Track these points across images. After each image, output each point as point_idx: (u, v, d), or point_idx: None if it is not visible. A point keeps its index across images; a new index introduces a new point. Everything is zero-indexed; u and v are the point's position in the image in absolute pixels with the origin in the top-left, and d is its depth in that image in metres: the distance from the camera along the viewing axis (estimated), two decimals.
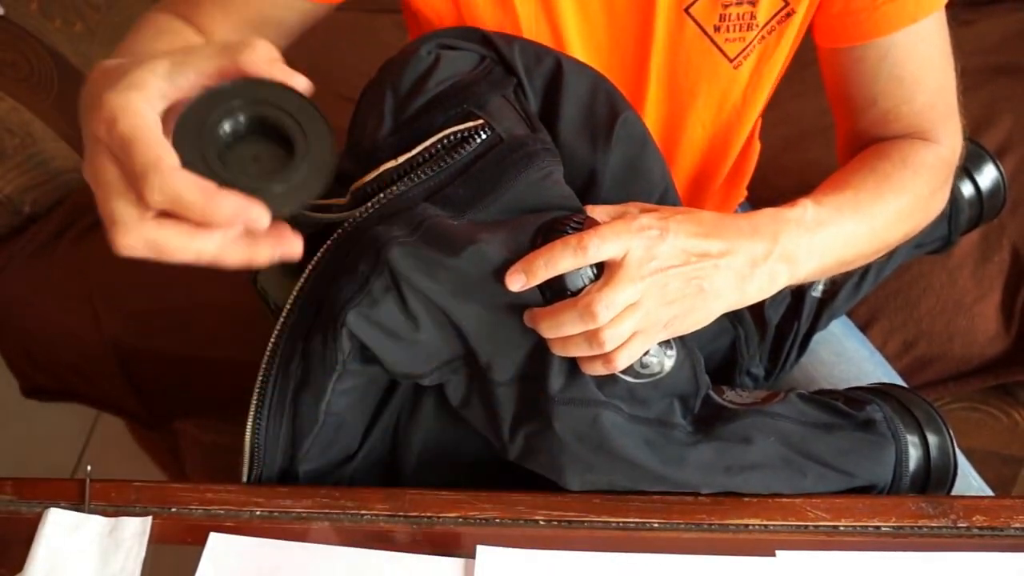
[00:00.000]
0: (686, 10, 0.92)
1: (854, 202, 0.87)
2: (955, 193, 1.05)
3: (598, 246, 0.73)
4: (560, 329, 0.73)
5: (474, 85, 0.83)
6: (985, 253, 1.29)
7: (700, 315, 0.78)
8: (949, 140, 0.96)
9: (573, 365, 0.77)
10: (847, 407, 0.86)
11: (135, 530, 0.78)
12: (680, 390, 0.81)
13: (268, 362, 0.81)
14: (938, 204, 0.97)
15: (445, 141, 0.81)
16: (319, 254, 0.80)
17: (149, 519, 0.79)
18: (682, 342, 0.81)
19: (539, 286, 0.74)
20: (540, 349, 0.77)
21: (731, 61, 0.95)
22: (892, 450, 0.84)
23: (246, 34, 0.88)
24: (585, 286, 0.74)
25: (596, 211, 0.80)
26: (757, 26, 0.92)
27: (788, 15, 0.92)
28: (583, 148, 0.86)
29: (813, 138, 1.49)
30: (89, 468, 0.83)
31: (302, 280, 0.80)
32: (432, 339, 0.78)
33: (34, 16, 1.59)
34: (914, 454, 0.85)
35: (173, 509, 0.81)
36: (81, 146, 1.59)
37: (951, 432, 0.86)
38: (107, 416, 1.88)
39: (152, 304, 1.38)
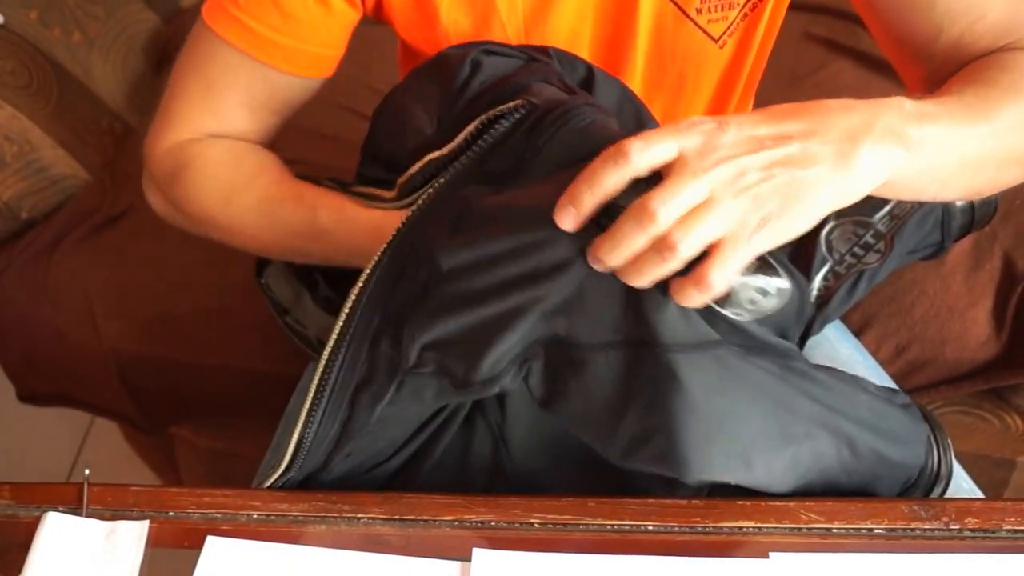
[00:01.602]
0: None
1: (959, 102, 0.74)
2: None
3: (641, 149, 0.63)
4: (621, 246, 0.64)
5: (514, 76, 0.82)
6: (977, 260, 1.30)
7: (802, 208, 0.65)
8: None
9: (677, 308, 0.68)
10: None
11: (133, 534, 0.79)
12: (786, 323, 0.75)
13: (328, 361, 0.78)
14: None
15: (485, 122, 0.78)
16: (378, 256, 0.78)
17: (146, 523, 0.79)
18: (788, 269, 0.72)
19: (598, 223, 0.66)
20: (630, 305, 0.69)
21: (716, 41, 0.96)
22: (927, 431, 0.83)
23: (267, 119, 0.96)
24: None
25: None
26: (738, 4, 0.93)
27: None
28: None
29: None
30: (87, 472, 0.83)
31: (361, 283, 0.78)
32: (502, 327, 0.71)
33: (33, 25, 1.59)
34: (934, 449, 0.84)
35: (170, 513, 0.81)
36: (79, 153, 1.60)
37: (948, 439, 0.86)
38: (101, 421, 1.88)
39: (150, 310, 1.38)
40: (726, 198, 0.63)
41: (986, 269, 1.30)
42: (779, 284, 0.71)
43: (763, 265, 0.71)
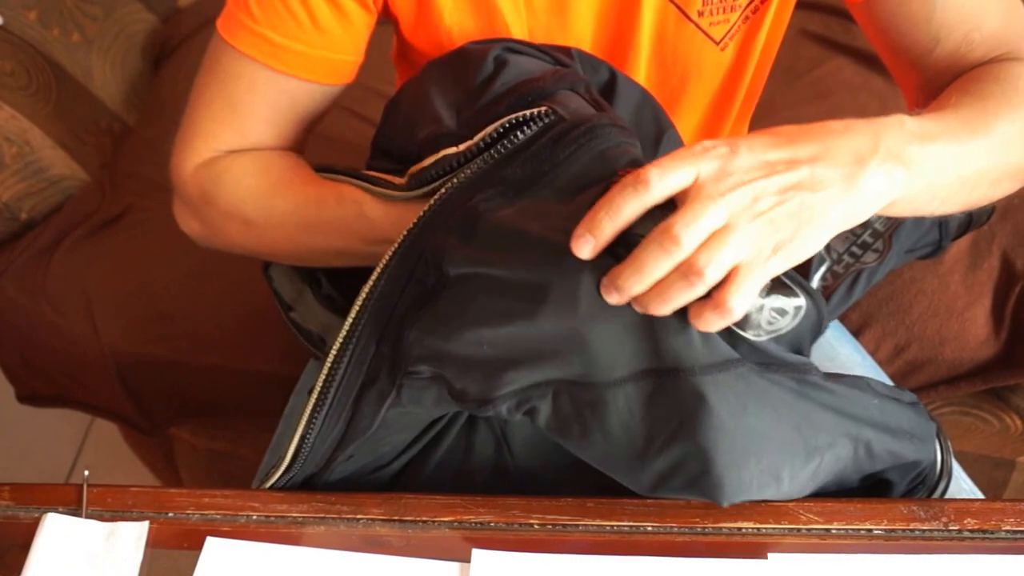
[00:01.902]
0: None
1: (957, 117, 0.76)
2: None
3: (660, 176, 0.64)
4: (644, 272, 0.64)
5: (541, 80, 0.81)
6: (975, 259, 1.30)
7: (813, 231, 0.66)
8: None
9: (697, 331, 0.67)
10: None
11: (132, 535, 0.79)
12: (801, 338, 0.74)
13: (336, 359, 0.78)
14: None
15: (506, 125, 0.77)
16: (389, 254, 0.78)
17: (146, 524, 0.79)
18: (803, 286, 0.72)
19: (613, 254, 0.67)
20: (647, 336, 0.68)
21: (717, 44, 0.96)
22: (934, 427, 0.82)
23: (290, 131, 0.95)
24: None
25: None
26: (739, 7, 0.93)
27: None
28: None
29: None
30: (87, 473, 0.83)
31: (372, 281, 0.78)
32: (503, 358, 0.71)
33: (33, 26, 1.59)
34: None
35: (170, 514, 0.81)
36: (78, 154, 1.60)
37: (947, 439, 0.87)
38: (101, 422, 1.88)
39: (150, 311, 1.38)
40: (743, 223, 0.64)
41: (984, 268, 1.30)
42: (796, 303, 0.72)
43: (779, 285, 0.71)
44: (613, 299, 0.66)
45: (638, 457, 0.72)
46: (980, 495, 0.96)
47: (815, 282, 1.05)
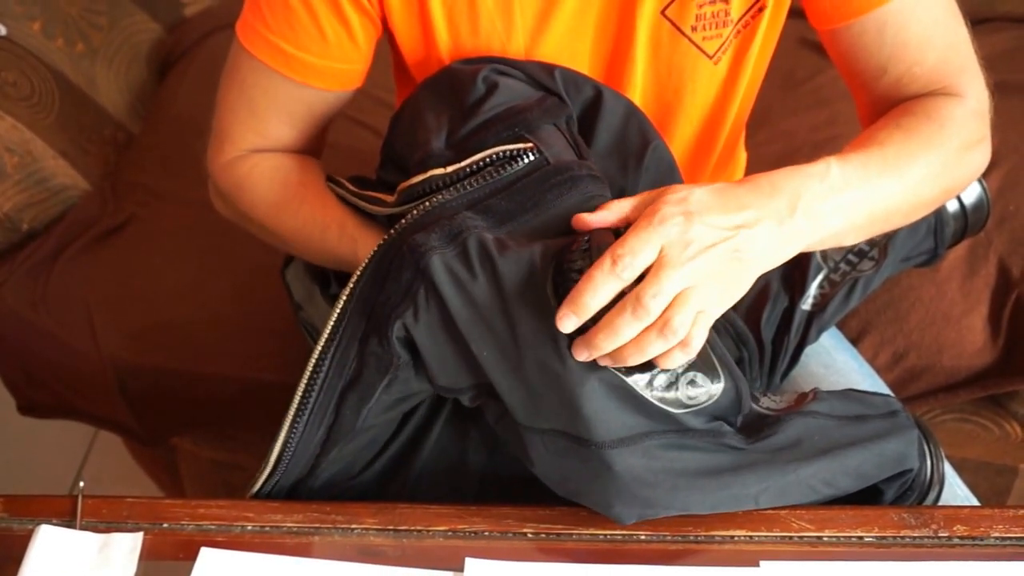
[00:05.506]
0: (663, 13, 0.94)
1: (880, 158, 0.85)
2: (940, 208, 1.06)
3: (631, 264, 0.72)
4: (619, 336, 0.72)
5: (527, 111, 0.86)
6: (972, 267, 1.30)
7: (742, 285, 0.77)
8: (973, 91, 0.94)
9: (611, 407, 0.75)
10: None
11: (126, 546, 0.79)
12: (723, 414, 0.80)
13: (316, 364, 0.81)
14: (977, 159, 0.95)
15: (493, 157, 0.83)
16: (367, 259, 0.82)
17: (140, 535, 0.80)
18: (728, 369, 0.79)
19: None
20: (568, 404, 0.75)
21: (711, 57, 0.98)
22: (916, 435, 0.84)
23: (308, 131, 1.02)
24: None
25: (623, 203, 0.79)
26: (732, 22, 0.96)
27: (760, 9, 0.95)
28: (613, 170, 0.89)
29: (805, 154, 1.50)
30: (82, 484, 0.84)
31: (351, 286, 0.82)
32: (460, 359, 0.78)
33: (36, 36, 1.60)
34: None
35: (164, 525, 0.82)
36: (80, 164, 1.60)
37: (940, 447, 0.87)
38: (106, 434, 1.88)
39: (150, 320, 1.38)
40: (703, 282, 0.74)
41: (981, 275, 1.29)
42: (715, 381, 0.78)
43: (703, 362, 0.78)
44: (583, 356, 0.74)
45: (552, 484, 0.80)
46: (975, 501, 0.96)
47: (812, 290, 1.05)
